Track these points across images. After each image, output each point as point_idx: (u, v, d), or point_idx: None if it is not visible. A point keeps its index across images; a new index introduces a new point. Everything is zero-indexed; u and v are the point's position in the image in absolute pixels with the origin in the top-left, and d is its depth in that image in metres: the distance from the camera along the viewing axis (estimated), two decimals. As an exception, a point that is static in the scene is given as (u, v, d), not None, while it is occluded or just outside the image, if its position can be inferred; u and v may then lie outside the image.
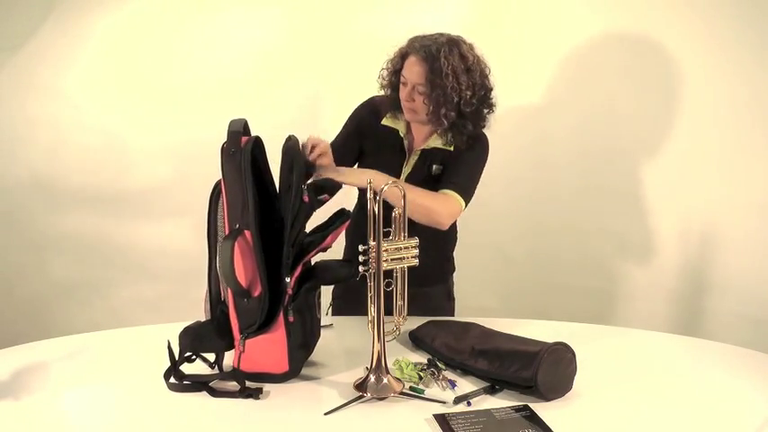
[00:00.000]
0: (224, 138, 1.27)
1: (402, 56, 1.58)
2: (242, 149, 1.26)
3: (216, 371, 1.35)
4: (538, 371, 1.22)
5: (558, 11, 2.30)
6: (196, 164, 2.43)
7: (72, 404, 1.26)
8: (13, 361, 1.40)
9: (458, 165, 1.64)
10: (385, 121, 1.69)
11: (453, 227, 1.81)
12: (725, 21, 2.13)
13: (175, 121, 2.48)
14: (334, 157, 1.53)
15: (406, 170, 1.68)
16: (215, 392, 1.27)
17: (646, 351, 1.55)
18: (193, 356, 1.35)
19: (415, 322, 1.59)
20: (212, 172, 1.33)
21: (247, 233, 1.25)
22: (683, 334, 1.68)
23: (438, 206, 1.54)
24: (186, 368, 1.33)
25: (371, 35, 2.35)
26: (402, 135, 1.68)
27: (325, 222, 1.42)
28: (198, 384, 1.29)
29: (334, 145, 1.57)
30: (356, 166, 1.74)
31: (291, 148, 1.34)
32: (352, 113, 1.76)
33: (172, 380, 1.30)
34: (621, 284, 2.43)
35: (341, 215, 1.42)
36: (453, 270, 1.88)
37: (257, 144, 1.35)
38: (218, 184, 1.32)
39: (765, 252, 2.20)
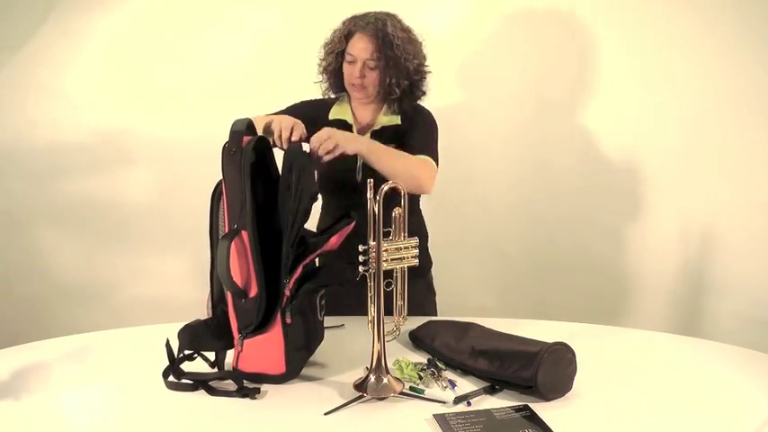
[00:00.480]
0: (226, 138, 1.27)
1: (345, 35, 1.62)
2: (242, 149, 1.25)
3: (215, 370, 1.35)
4: (538, 371, 1.22)
5: (557, 11, 2.30)
6: (198, 164, 2.43)
7: (72, 404, 1.26)
8: (13, 361, 1.40)
9: (414, 133, 1.67)
10: (332, 115, 1.73)
11: (421, 222, 1.83)
12: (725, 20, 2.13)
13: (176, 121, 2.48)
14: None
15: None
16: (213, 391, 1.27)
17: (646, 351, 1.54)
18: (194, 355, 1.35)
19: (415, 322, 1.59)
20: (214, 172, 1.33)
21: (244, 233, 1.25)
22: (683, 334, 1.68)
23: (421, 172, 1.56)
24: (185, 367, 1.33)
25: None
26: (351, 123, 1.71)
27: (332, 224, 1.42)
28: (196, 383, 1.29)
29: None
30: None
31: (293, 149, 1.34)
32: (298, 104, 1.78)
33: (170, 378, 1.30)
34: (621, 284, 2.43)
35: (347, 217, 1.42)
36: (431, 264, 1.88)
37: (264, 144, 1.35)
38: (219, 184, 1.32)
39: (766, 252, 2.20)
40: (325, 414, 1.19)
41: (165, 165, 2.52)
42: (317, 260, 1.42)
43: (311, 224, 1.42)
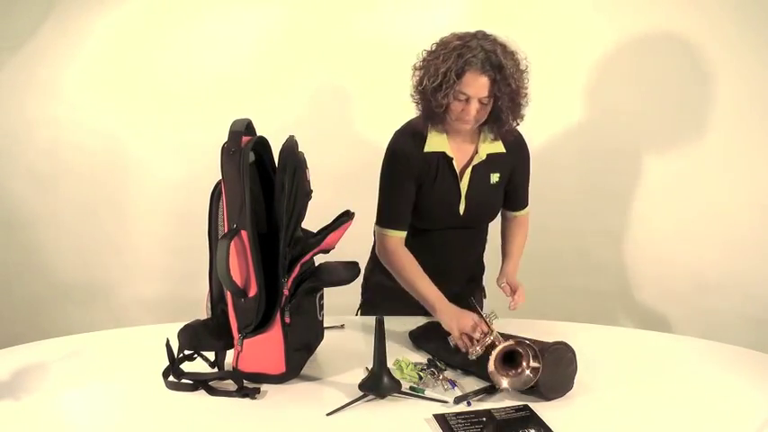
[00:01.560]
0: (225, 138, 1.27)
1: (457, 74, 1.45)
2: (242, 149, 1.25)
3: (215, 370, 1.35)
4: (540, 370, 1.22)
5: (558, 11, 2.30)
6: (197, 164, 2.43)
7: (71, 404, 1.26)
8: (13, 361, 1.40)
9: (522, 180, 1.74)
10: (429, 148, 1.59)
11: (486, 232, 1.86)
12: (727, 18, 2.13)
13: (175, 121, 2.48)
14: (407, 220, 1.62)
15: (464, 188, 1.62)
16: (213, 391, 1.27)
17: (646, 351, 1.54)
18: (194, 355, 1.35)
19: (414, 323, 1.60)
20: (213, 172, 1.33)
21: (244, 233, 1.25)
22: (683, 334, 1.68)
23: (526, 230, 1.84)
24: (185, 367, 1.33)
25: (374, 34, 2.35)
26: (451, 155, 1.59)
27: (331, 223, 1.42)
28: (196, 383, 1.29)
29: (400, 211, 1.60)
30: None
31: (287, 149, 1.33)
32: (393, 163, 1.61)
33: (170, 378, 1.30)
34: (622, 285, 2.43)
35: (345, 215, 1.42)
36: (484, 269, 1.91)
37: (263, 144, 1.35)
38: (218, 184, 1.32)
39: (766, 252, 2.20)
40: (328, 414, 1.19)
41: (164, 164, 2.52)
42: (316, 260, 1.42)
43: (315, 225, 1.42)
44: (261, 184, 1.35)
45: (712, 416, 1.22)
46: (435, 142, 1.58)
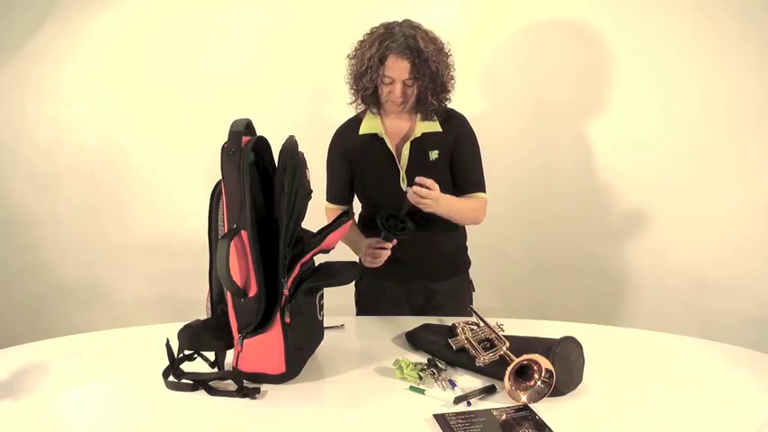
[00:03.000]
0: (225, 138, 1.27)
1: (380, 59, 1.59)
2: (242, 149, 1.25)
3: (215, 370, 1.35)
4: (552, 366, 1.23)
5: (558, 11, 2.30)
6: (197, 164, 2.44)
7: (72, 404, 1.26)
8: (13, 361, 1.40)
9: (465, 161, 1.74)
10: (363, 130, 1.73)
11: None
12: (732, 20, 2.13)
13: (176, 122, 2.48)
14: (342, 196, 1.80)
15: (403, 164, 1.70)
16: (213, 391, 1.27)
17: (647, 351, 1.54)
18: (194, 355, 1.35)
19: (412, 323, 1.60)
20: (213, 172, 1.33)
21: (244, 233, 1.25)
22: (683, 334, 1.68)
23: (479, 213, 1.76)
24: (185, 367, 1.33)
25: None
26: (382, 135, 1.70)
27: (331, 223, 1.42)
28: (196, 383, 1.29)
29: (335, 188, 1.78)
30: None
31: (286, 149, 1.33)
32: (330, 146, 1.80)
33: (171, 378, 1.30)
34: (622, 285, 2.43)
35: (345, 215, 1.42)
36: (469, 263, 1.89)
37: (263, 144, 1.35)
38: (218, 184, 1.32)
39: (766, 252, 2.20)
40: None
41: (164, 164, 2.52)
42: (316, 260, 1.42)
43: (317, 224, 1.43)
44: (261, 184, 1.34)
45: (712, 415, 1.21)
46: (369, 125, 1.72)
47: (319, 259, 1.42)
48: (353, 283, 1.84)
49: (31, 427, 1.16)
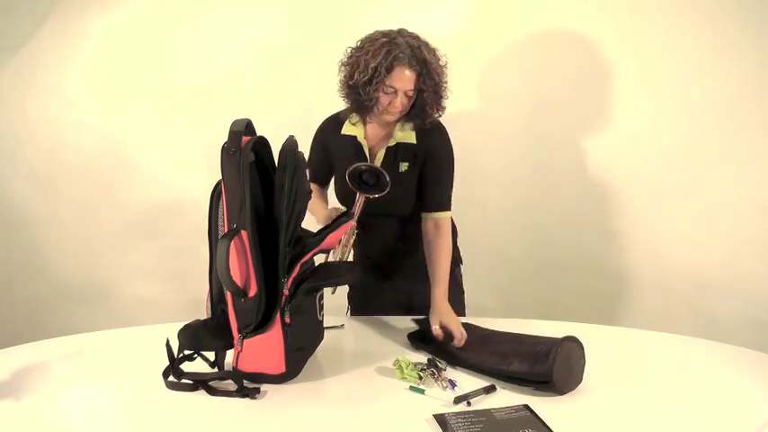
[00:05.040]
0: (225, 138, 1.27)
1: (387, 69, 1.55)
2: (242, 149, 1.25)
3: (215, 370, 1.35)
4: (554, 365, 1.24)
5: (557, 11, 2.30)
6: (197, 164, 2.44)
7: (72, 404, 1.26)
8: (13, 361, 1.40)
9: (433, 176, 1.70)
10: (345, 131, 1.73)
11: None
12: (730, 20, 2.12)
13: (176, 122, 2.48)
14: (317, 179, 1.80)
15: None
16: (213, 391, 1.27)
17: (647, 351, 1.54)
18: (194, 355, 1.35)
19: (411, 324, 1.60)
20: (213, 172, 1.33)
21: (244, 233, 1.25)
22: (683, 334, 1.68)
23: (449, 240, 1.69)
24: (185, 367, 1.33)
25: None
26: (360, 140, 1.70)
27: (331, 223, 1.42)
28: (196, 383, 1.29)
29: (313, 169, 1.78)
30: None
31: (287, 149, 1.33)
32: (314, 135, 1.82)
33: (171, 378, 1.30)
34: (622, 285, 2.43)
35: (345, 215, 1.43)
36: (460, 261, 1.88)
37: (263, 144, 1.35)
38: (218, 184, 1.32)
39: (766, 253, 2.20)
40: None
41: (164, 164, 2.52)
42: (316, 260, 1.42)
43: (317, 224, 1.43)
44: (261, 184, 1.35)
45: (712, 416, 1.21)
46: (351, 128, 1.72)
47: (319, 259, 1.42)
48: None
49: (31, 427, 1.16)
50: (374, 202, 1.59)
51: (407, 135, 1.68)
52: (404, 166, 1.68)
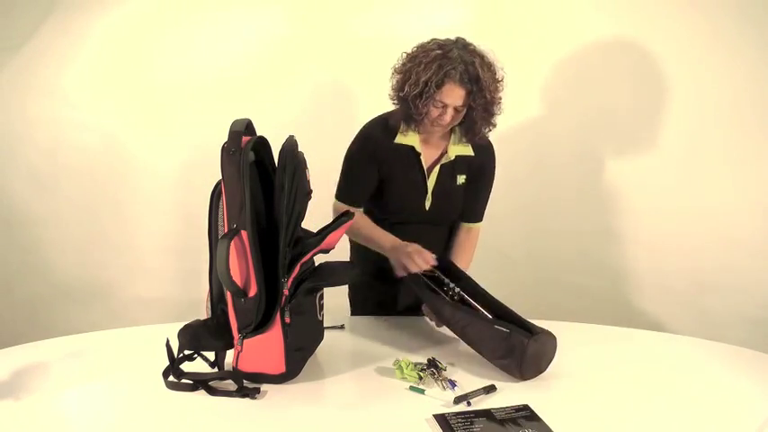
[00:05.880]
0: (225, 138, 1.27)
1: (437, 84, 1.50)
2: (242, 149, 1.25)
3: (215, 370, 1.35)
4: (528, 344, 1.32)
5: (557, 11, 2.30)
6: (197, 164, 2.44)
7: (72, 404, 1.26)
8: (13, 361, 1.40)
9: (480, 191, 1.75)
10: (399, 140, 1.66)
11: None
12: (729, 21, 2.13)
13: (175, 121, 2.48)
14: (360, 199, 1.72)
15: (431, 185, 1.68)
16: (213, 391, 1.27)
17: (647, 351, 1.54)
18: (194, 355, 1.35)
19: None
20: (213, 172, 1.33)
21: (244, 233, 1.25)
22: (683, 334, 1.68)
23: (475, 244, 1.81)
24: (185, 367, 1.33)
25: (374, 34, 2.35)
26: (419, 151, 1.66)
27: (331, 223, 1.42)
28: (196, 383, 1.29)
29: (354, 190, 1.71)
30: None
31: (287, 149, 1.33)
32: (359, 145, 1.70)
33: (171, 378, 1.30)
34: (621, 284, 2.43)
35: (345, 215, 1.43)
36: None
37: (263, 144, 1.35)
38: (218, 184, 1.32)
39: (766, 253, 2.20)
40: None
41: (164, 164, 2.52)
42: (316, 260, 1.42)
43: (317, 224, 1.43)
44: (261, 184, 1.35)
45: (712, 415, 1.22)
46: (405, 137, 1.65)
47: (319, 259, 1.42)
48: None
49: (31, 427, 1.16)
50: (430, 211, 1.64)
51: (464, 148, 1.69)
52: (461, 179, 1.71)
